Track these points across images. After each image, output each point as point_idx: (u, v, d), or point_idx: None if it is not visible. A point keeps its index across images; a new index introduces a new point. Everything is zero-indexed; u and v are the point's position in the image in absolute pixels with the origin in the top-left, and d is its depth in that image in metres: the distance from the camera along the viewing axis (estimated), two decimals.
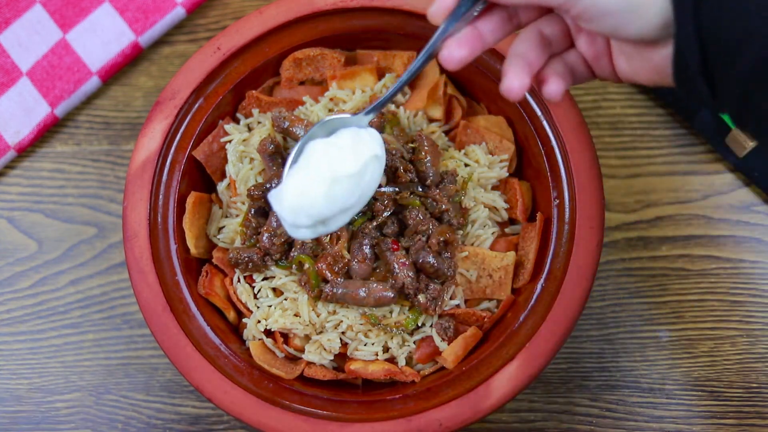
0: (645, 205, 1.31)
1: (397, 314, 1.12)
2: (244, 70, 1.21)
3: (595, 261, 1.09)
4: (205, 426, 1.26)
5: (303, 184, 0.98)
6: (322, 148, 1.00)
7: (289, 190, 0.98)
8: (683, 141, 1.34)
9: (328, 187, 0.97)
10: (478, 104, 1.26)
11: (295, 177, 0.99)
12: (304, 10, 1.20)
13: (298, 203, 0.97)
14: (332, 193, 0.98)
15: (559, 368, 1.26)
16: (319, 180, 0.97)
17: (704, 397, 1.24)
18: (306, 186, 0.98)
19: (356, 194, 1.00)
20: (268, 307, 1.14)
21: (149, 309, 1.11)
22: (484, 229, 1.17)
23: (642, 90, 1.36)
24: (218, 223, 1.20)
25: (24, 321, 1.31)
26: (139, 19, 1.36)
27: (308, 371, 1.13)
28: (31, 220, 1.34)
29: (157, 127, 1.17)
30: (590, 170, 1.13)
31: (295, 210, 0.98)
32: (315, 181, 0.97)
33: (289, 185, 0.99)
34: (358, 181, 0.99)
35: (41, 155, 1.37)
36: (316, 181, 0.97)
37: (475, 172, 1.18)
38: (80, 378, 1.28)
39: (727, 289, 1.27)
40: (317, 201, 0.97)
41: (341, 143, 1.00)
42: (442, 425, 1.05)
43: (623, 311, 1.28)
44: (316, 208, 0.98)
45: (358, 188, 1.00)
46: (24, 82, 1.36)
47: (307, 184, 0.98)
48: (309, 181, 0.98)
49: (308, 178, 0.98)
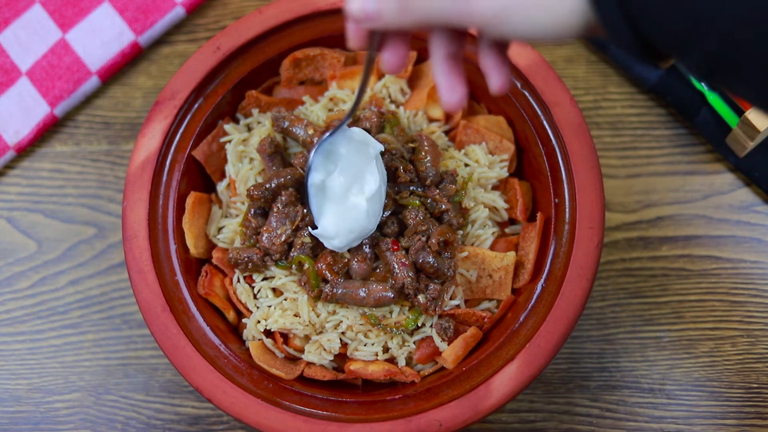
0: (645, 205, 1.31)
1: (397, 314, 1.11)
2: (244, 70, 1.21)
3: (595, 261, 1.09)
4: (205, 426, 1.26)
5: (345, 219, 1.08)
6: (340, 181, 1.08)
7: (331, 228, 1.08)
8: (683, 141, 1.34)
9: (366, 205, 1.07)
10: (478, 104, 1.26)
11: (333, 215, 1.09)
12: (304, 10, 1.20)
13: (348, 234, 1.08)
14: (371, 208, 1.07)
15: (559, 368, 1.26)
16: (356, 207, 1.07)
17: (704, 397, 1.24)
18: (349, 219, 1.08)
19: (383, 190, 1.09)
20: (267, 307, 1.14)
21: (149, 309, 1.11)
22: (484, 229, 1.17)
23: (642, 90, 1.35)
24: (218, 223, 1.20)
25: (23, 321, 1.31)
26: (139, 18, 1.36)
27: (308, 371, 1.13)
28: (31, 220, 1.34)
29: (157, 127, 1.17)
30: (590, 170, 1.13)
31: (349, 241, 1.09)
32: (353, 209, 1.07)
33: (329, 225, 1.09)
34: (381, 184, 1.08)
35: (41, 155, 1.37)
36: (354, 209, 1.07)
37: (475, 172, 1.18)
38: (80, 378, 1.28)
39: (728, 290, 1.27)
40: (362, 222, 1.07)
41: (348, 165, 1.08)
42: (442, 425, 1.05)
43: (623, 311, 1.28)
44: (365, 228, 1.08)
45: (383, 185, 1.09)
46: (23, 81, 1.36)
47: (350, 217, 1.08)
48: (349, 213, 1.08)
49: (347, 210, 1.08)
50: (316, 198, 1.10)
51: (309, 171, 1.09)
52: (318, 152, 1.09)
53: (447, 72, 0.87)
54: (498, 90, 0.86)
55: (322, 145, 1.09)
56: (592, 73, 1.37)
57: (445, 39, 0.87)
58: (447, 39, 0.87)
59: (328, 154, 1.09)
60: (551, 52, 1.37)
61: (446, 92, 0.87)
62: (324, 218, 1.09)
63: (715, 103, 1.29)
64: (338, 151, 1.09)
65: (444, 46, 0.87)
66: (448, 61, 0.87)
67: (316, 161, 1.09)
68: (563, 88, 1.16)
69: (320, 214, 1.10)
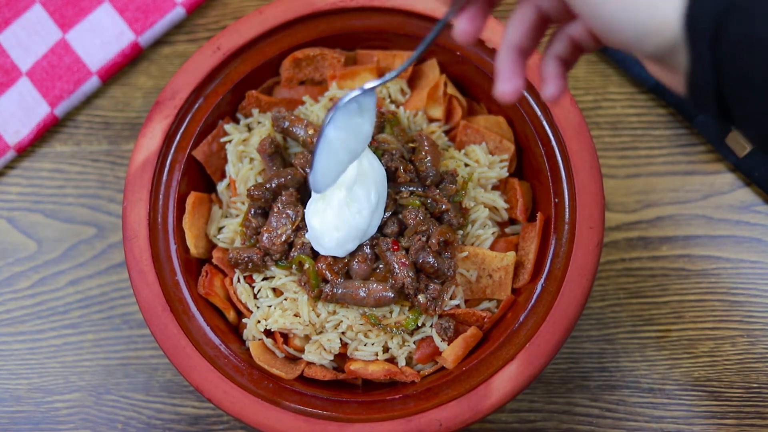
0: (645, 205, 1.31)
1: (397, 314, 1.12)
2: (244, 70, 1.21)
3: (595, 261, 1.09)
4: (205, 426, 1.26)
5: (327, 215, 1.08)
6: (340, 195, 1.07)
7: (328, 233, 1.08)
8: (683, 141, 1.34)
9: (345, 196, 1.07)
10: (478, 104, 1.26)
11: (329, 218, 1.08)
12: (304, 10, 1.20)
13: (341, 237, 1.08)
14: (354, 204, 1.08)
15: (559, 368, 1.26)
16: (338, 201, 1.07)
17: (704, 397, 1.24)
18: (330, 216, 1.08)
19: (370, 188, 1.09)
20: (267, 307, 1.14)
21: (149, 309, 1.11)
22: (484, 229, 1.17)
23: (642, 90, 1.36)
24: (218, 223, 1.20)
25: (23, 321, 1.31)
26: (139, 18, 1.36)
27: (308, 371, 1.13)
28: (31, 220, 1.34)
29: (157, 127, 1.17)
30: (590, 170, 1.13)
31: (341, 244, 1.09)
32: (335, 205, 1.07)
33: (324, 229, 1.08)
34: (371, 182, 1.08)
35: (41, 155, 1.37)
36: (337, 204, 1.07)
37: (475, 172, 1.18)
38: (80, 378, 1.28)
39: (728, 289, 1.27)
40: (347, 218, 1.07)
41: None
42: (442, 425, 1.05)
43: (623, 311, 1.28)
44: (353, 226, 1.08)
45: (374, 185, 1.09)
46: (24, 82, 1.36)
47: (331, 214, 1.08)
48: (330, 209, 1.08)
49: (330, 205, 1.08)
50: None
51: (328, 123, 1.01)
52: (343, 109, 1.01)
53: (512, 61, 0.86)
54: (551, 98, 0.86)
55: (351, 102, 1.01)
56: (592, 73, 1.37)
57: (525, 26, 0.85)
58: (527, 27, 0.85)
59: (350, 115, 1.02)
60: None
61: (505, 81, 0.86)
62: (313, 218, 1.09)
63: None
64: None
65: (521, 34, 0.85)
66: (517, 52, 0.86)
67: (339, 117, 1.01)
68: None
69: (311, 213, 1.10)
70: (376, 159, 1.11)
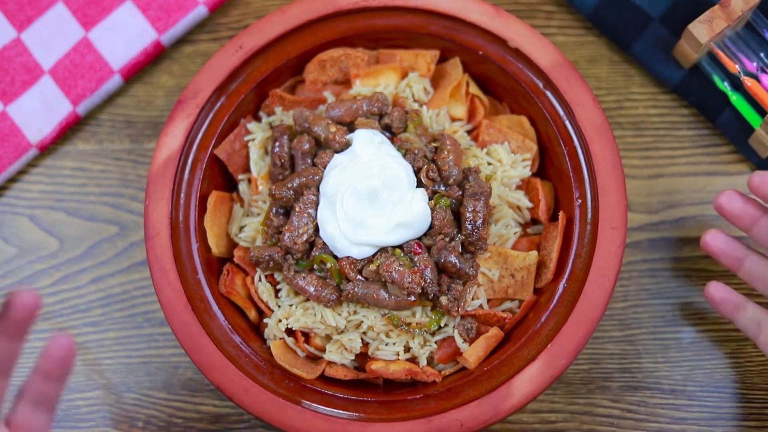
0: (668, 206, 1.31)
1: (419, 315, 1.11)
2: (266, 69, 1.21)
3: (617, 262, 1.09)
4: (226, 425, 1.26)
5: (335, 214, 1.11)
6: (352, 200, 1.10)
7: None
8: (706, 141, 1.33)
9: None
10: (500, 103, 1.25)
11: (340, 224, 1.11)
12: (327, 9, 1.20)
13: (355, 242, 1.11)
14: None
15: (580, 369, 1.25)
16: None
17: (726, 398, 1.24)
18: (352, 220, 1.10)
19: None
20: (289, 306, 1.14)
21: (170, 307, 1.11)
22: (507, 228, 1.16)
23: (665, 90, 1.35)
24: (239, 222, 1.20)
25: (45, 319, 1.31)
26: (162, 17, 1.37)
27: (329, 371, 1.13)
28: (53, 218, 1.35)
29: (179, 125, 1.17)
30: (613, 170, 1.12)
31: (356, 248, 1.11)
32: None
33: (334, 235, 1.11)
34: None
35: (63, 153, 1.37)
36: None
37: (498, 171, 1.17)
38: (101, 376, 1.28)
39: (750, 290, 1.26)
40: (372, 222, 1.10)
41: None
42: (463, 425, 1.05)
43: (645, 312, 1.27)
44: (374, 229, 1.10)
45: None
46: (46, 80, 1.36)
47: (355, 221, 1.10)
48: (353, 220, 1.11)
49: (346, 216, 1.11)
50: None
51: None
52: None
53: None
54: None
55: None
56: (614, 73, 1.36)
57: None
58: None
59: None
60: (573, 52, 1.36)
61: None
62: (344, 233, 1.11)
63: (738, 104, 1.29)
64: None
65: None
66: None
67: None
68: (586, 88, 1.16)
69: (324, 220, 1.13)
70: (402, 166, 1.12)
